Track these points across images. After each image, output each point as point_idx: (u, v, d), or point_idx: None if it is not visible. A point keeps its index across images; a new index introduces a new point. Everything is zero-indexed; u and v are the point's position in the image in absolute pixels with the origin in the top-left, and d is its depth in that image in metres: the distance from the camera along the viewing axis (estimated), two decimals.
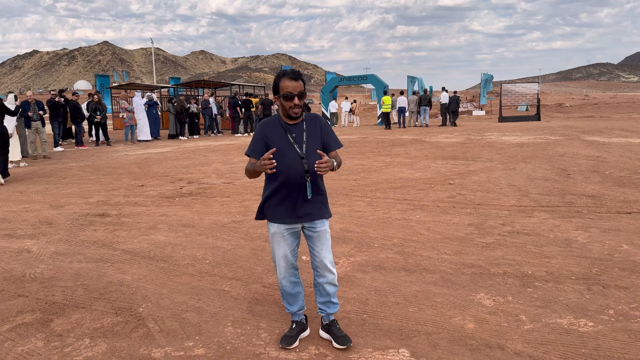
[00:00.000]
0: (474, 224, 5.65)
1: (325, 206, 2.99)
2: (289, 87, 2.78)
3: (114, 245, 5.16)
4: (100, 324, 3.35)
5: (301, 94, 2.81)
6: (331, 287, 3.00)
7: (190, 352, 2.95)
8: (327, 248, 2.96)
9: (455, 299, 3.62)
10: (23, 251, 5.04)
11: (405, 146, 14.43)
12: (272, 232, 2.95)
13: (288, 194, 2.85)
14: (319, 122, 2.95)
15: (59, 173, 10.72)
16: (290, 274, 3.01)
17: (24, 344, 3.10)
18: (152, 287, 3.98)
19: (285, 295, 3.07)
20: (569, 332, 3.08)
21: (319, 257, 2.94)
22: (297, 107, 2.80)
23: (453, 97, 23.63)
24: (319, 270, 2.97)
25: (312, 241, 2.96)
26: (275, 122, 2.89)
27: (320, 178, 2.93)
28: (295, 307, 3.09)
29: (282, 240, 2.93)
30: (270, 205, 2.93)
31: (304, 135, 2.86)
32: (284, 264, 2.96)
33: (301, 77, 2.83)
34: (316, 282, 3.03)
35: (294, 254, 2.99)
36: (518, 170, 9.36)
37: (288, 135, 2.83)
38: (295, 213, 2.87)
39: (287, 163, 2.79)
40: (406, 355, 2.86)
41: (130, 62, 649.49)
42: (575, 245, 4.77)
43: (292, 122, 2.87)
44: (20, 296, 3.86)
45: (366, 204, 6.82)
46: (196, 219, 6.20)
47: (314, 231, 2.93)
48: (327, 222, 2.99)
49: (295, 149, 2.82)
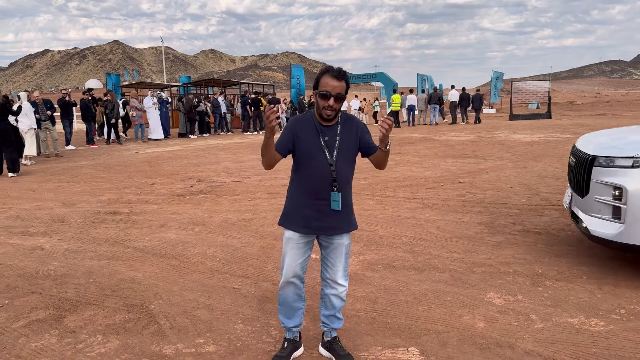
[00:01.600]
0: (484, 222, 5.63)
1: (350, 219, 2.75)
2: (329, 85, 2.53)
3: (126, 243, 5.21)
4: (112, 321, 3.38)
5: (339, 97, 2.55)
6: (338, 301, 2.78)
7: (201, 349, 2.98)
8: (342, 260, 2.74)
9: (465, 297, 3.62)
10: (36, 248, 5.10)
11: (414, 144, 14.39)
12: (286, 237, 2.74)
13: (312, 202, 2.64)
14: (355, 125, 2.71)
15: (71, 171, 10.83)
16: (296, 287, 2.77)
17: (38, 339, 3.15)
18: (164, 285, 4.02)
19: (284, 306, 2.83)
20: (579, 332, 3.07)
21: (332, 269, 2.74)
22: (330, 109, 2.56)
23: (463, 94, 23.49)
24: (328, 281, 2.77)
25: (326, 251, 2.76)
26: (309, 120, 2.66)
27: (348, 187, 2.72)
28: (292, 323, 2.85)
29: (296, 249, 2.71)
30: (291, 211, 2.72)
31: (337, 140, 2.63)
32: (290, 275, 2.72)
33: (345, 79, 2.57)
34: (323, 293, 2.83)
35: (304, 266, 2.75)
36: (529, 168, 9.30)
37: (320, 138, 2.61)
38: (316, 224, 2.65)
39: (315, 168, 2.60)
40: (416, 353, 2.87)
41: (141, 61, 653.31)
42: (587, 244, 4.74)
43: (327, 123, 2.64)
44: (34, 293, 3.91)
45: (375, 203, 6.82)
46: (206, 217, 6.24)
47: (330, 242, 2.72)
48: (349, 235, 2.76)
49: (325, 154, 2.61)
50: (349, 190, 2.73)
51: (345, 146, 2.65)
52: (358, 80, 30.52)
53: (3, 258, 4.79)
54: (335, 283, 2.75)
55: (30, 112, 12.46)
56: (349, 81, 2.61)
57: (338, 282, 2.75)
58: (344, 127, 2.68)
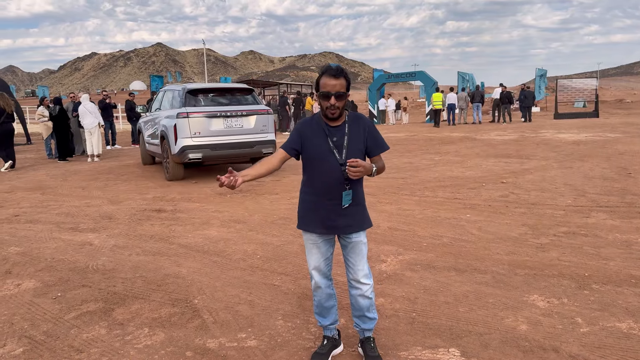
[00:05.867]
0: (528, 224, 5.51)
1: (364, 217, 2.77)
2: (328, 85, 2.54)
3: (170, 240, 5.37)
4: (158, 314, 3.50)
5: (339, 94, 2.55)
6: (365, 300, 2.77)
7: (243, 344, 3.04)
8: (362, 259, 2.75)
9: (507, 299, 3.55)
10: (86, 244, 5.32)
11: (455, 144, 14.17)
12: (306, 238, 2.78)
13: (325, 202, 2.65)
14: (363, 124, 2.71)
15: (117, 170, 11.21)
16: (325, 286, 2.81)
17: (89, 331, 3.29)
18: (207, 280, 4.12)
19: (319, 307, 2.88)
20: (628, 337, 2.97)
21: (353, 269, 2.75)
22: (333, 107, 2.56)
23: (505, 92, 22.91)
24: (352, 282, 2.78)
25: (346, 251, 2.77)
26: (317, 122, 2.68)
27: (360, 186, 2.74)
28: (327, 321, 2.89)
29: (315, 249, 2.75)
30: (305, 213, 2.75)
31: (345, 139, 2.63)
32: (317, 276, 2.77)
33: (344, 75, 2.56)
34: (350, 294, 2.84)
35: (328, 264, 2.80)
36: (575, 169, 9.02)
37: (329, 139, 2.63)
38: (330, 223, 2.68)
39: (326, 170, 2.61)
40: (457, 354, 2.85)
41: (183, 63, 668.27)
42: (636, 247, 4.57)
43: (334, 123, 2.65)
44: (84, 286, 4.09)
45: (415, 203, 6.77)
46: (247, 215, 6.35)
47: (348, 241, 2.74)
48: (364, 233, 2.77)
49: (335, 155, 2.61)
50: (360, 188, 2.75)
51: (354, 145, 2.65)
52: (397, 79, 30.28)
53: (55, 253, 5.02)
54: (358, 283, 2.75)
55: (95, 111, 13.44)
56: (349, 77, 2.60)
57: (361, 282, 2.75)
58: (351, 126, 2.68)
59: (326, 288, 2.82)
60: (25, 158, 14.41)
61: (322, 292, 2.82)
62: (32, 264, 4.69)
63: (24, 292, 4.01)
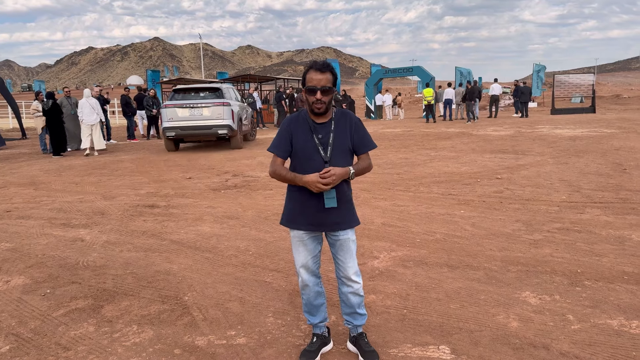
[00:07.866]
0: (522, 220, 5.49)
1: (351, 214, 2.74)
2: (314, 80, 2.53)
3: (162, 236, 5.33)
4: (147, 311, 3.47)
5: (325, 89, 2.54)
6: (356, 298, 2.76)
7: (232, 341, 3.02)
8: (352, 257, 2.73)
9: (499, 296, 3.54)
10: (77, 240, 5.28)
11: (451, 139, 14.15)
12: (292, 236, 2.75)
13: (310, 200, 2.63)
14: (349, 121, 2.68)
15: (112, 165, 11.16)
16: (313, 284, 2.78)
17: (77, 328, 3.26)
18: (197, 277, 4.09)
19: (307, 305, 2.85)
20: (619, 334, 2.96)
21: (343, 267, 2.73)
22: (319, 102, 2.55)
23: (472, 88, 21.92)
24: (343, 279, 2.76)
25: (334, 249, 2.75)
26: (303, 119, 2.66)
27: (346, 184, 2.69)
28: (317, 319, 2.87)
29: (302, 246, 2.72)
30: (291, 210, 2.72)
31: (331, 136, 2.62)
32: (305, 274, 2.75)
33: (330, 70, 2.56)
34: (340, 292, 2.82)
35: (316, 261, 2.77)
36: (570, 164, 9.01)
37: (314, 136, 2.61)
38: (316, 220, 2.65)
39: (311, 167, 2.58)
40: (447, 352, 2.83)
41: (180, 58, 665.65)
42: (629, 244, 4.56)
43: (320, 120, 2.63)
44: (74, 283, 4.06)
45: (409, 199, 6.75)
46: (240, 211, 6.32)
47: (335, 239, 2.71)
48: (352, 230, 2.74)
49: (320, 152, 2.60)
50: (347, 185, 2.70)
51: (339, 142, 2.64)
52: (394, 74, 30.20)
53: (46, 249, 4.98)
54: (349, 280, 2.73)
55: (97, 106, 13.51)
56: (335, 72, 2.59)
57: (352, 279, 2.73)
58: (338, 123, 2.66)
59: (314, 286, 2.79)
60: (20, 153, 14.35)
61: (310, 290, 2.79)
62: (22, 260, 4.65)
63: (12, 288, 3.98)
